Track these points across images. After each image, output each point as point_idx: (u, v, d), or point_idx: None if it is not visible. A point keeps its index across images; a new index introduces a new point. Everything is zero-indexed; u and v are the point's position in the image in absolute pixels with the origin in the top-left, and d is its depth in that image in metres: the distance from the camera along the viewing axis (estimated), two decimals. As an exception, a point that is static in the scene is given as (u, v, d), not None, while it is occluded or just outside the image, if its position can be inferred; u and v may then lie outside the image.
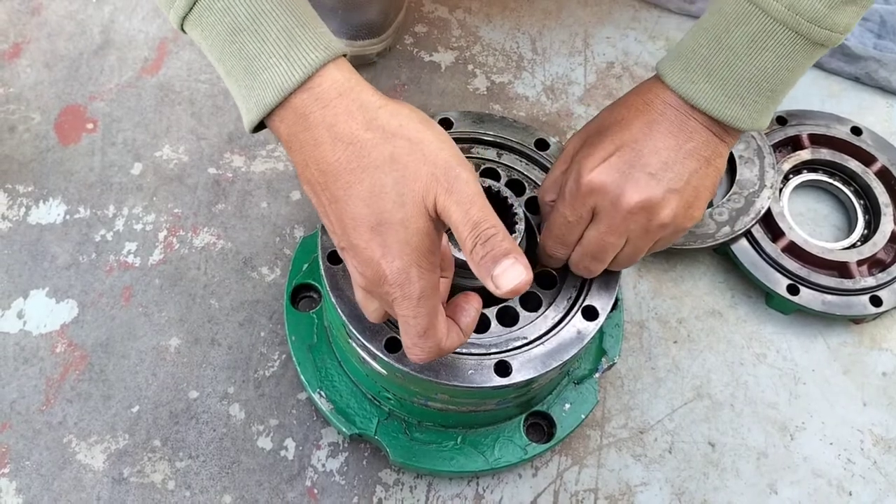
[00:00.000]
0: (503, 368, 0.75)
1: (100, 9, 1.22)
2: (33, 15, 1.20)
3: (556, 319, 0.80)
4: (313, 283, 0.95)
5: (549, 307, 0.81)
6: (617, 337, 0.95)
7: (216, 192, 1.07)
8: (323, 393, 0.89)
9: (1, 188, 1.06)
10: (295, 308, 0.94)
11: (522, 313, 0.80)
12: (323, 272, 0.78)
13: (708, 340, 1.02)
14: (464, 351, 0.76)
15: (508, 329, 0.79)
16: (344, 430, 0.87)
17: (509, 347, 0.77)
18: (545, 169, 0.88)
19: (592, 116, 0.82)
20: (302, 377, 0.90)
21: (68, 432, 0.92)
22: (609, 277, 0.81)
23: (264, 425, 0.93)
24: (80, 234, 1.03)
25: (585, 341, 0.77)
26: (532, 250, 0.85)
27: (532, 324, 0.79)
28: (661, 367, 1.00)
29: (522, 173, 0.88)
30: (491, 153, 0.88)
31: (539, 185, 0.87)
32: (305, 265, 0.96)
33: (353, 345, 0.80)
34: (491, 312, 0.80)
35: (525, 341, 0.78)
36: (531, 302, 0.81)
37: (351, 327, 0.75)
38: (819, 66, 1.24)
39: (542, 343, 0.77)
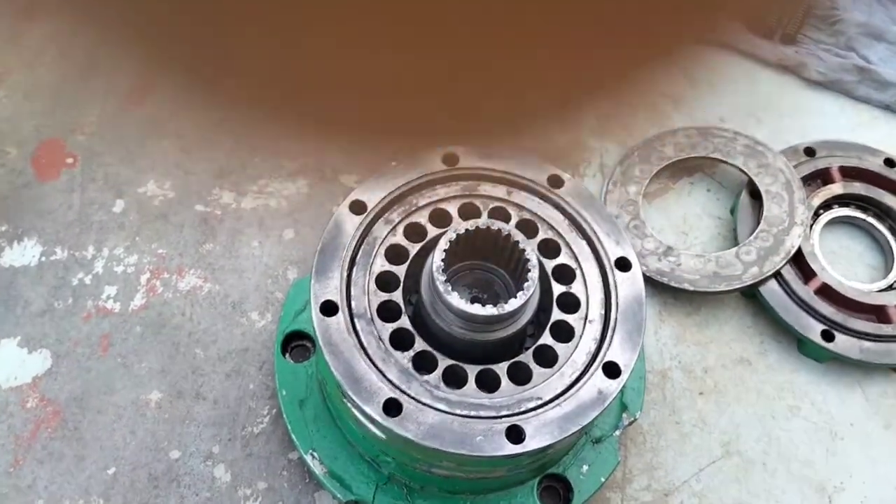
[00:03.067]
0: (516, 434, 0.67)
1: (83, 36, 1.15)
2: (13, 43, 1.14)
3: (574, 377, 0.72)
4: (306, 331, 0.87)
5: (565, 363, 0.72)
6: (638, 389, 0.87)
7: (204, 230, 1.00)
8: (316, 454, 0.81)
9: (-28, 227, 0.99)
10: (286, 358, 0.86)
11: (536, 370, 0.72)
12: (315, 325, 0.70)
13: (736, 391, 0.94)
14: (472, 413, 0.68)
15: (521, 388, 0.71)
16: (339, 495, 0.79)
17: (522, 409, 0.69)
18: (559, 208, 0.80)
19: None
20: (293, 436, 0.82)
21: (38, 497, 0.83)
22: (632, 329, 0.73)
23: (252, 489, 0.84)
24: (57, 277, 0.96)
25: (608, 402, 0.69)
26: (545, 297, 0.77)
27: (547, 382, 0.71)
28: (686, 421, 0.92)
29: (535, 213, 0.81)
30: (500, 191, 0.81)
31: (552, 226, 0.79)
32: (298, 311, 0.88)
33: (349, 405, 0.72)
34: (501, 369, 0.72)
35: (540, 402, 0.70)
36: (545, 357, 0.73)
37: (346, 387, 0.67)
38: (847, 93, 1.17)
39: (558, 404, 0.69)
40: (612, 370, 0.71)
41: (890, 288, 0.99)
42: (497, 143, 0.82)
